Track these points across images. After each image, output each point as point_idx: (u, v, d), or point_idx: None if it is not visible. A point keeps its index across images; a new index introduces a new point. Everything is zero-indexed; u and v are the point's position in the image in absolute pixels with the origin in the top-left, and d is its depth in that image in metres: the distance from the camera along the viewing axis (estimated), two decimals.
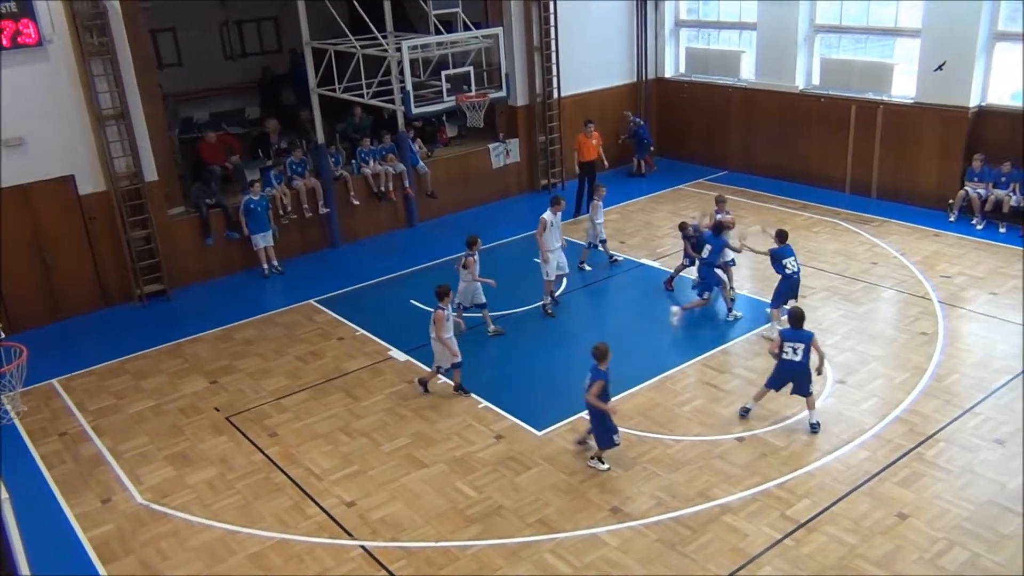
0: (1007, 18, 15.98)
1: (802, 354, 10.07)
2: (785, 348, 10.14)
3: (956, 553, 8.20)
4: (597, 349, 9.55)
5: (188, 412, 11.60)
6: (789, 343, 10.13)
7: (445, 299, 11.24)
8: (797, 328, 10.16)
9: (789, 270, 12.30)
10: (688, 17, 21.44)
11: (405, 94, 13.68)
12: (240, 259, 16.17)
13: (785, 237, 12.50)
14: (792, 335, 10.16)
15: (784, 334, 10.27)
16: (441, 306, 11.18)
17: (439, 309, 11.17)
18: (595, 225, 15.12)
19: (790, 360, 10.14)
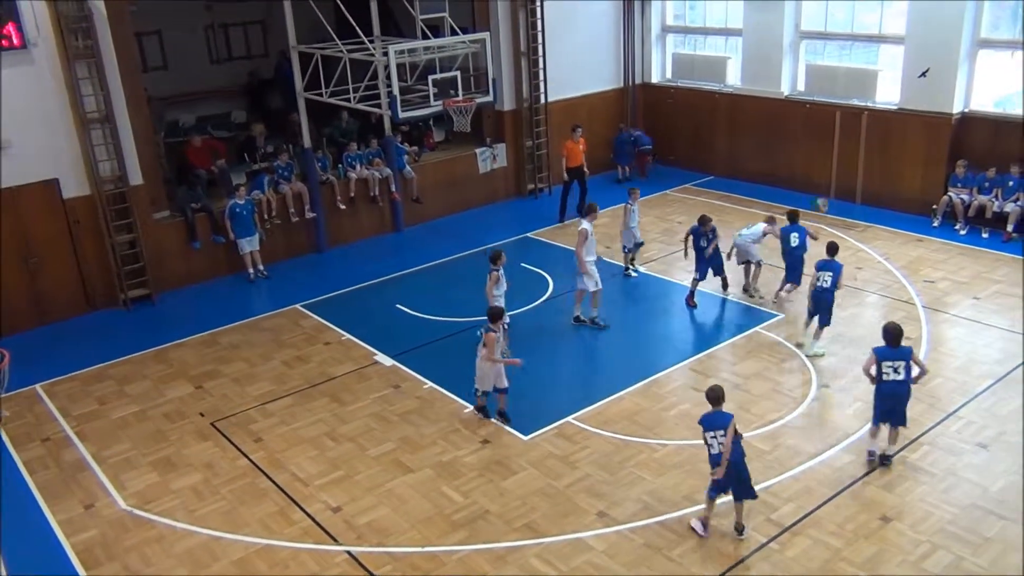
0: (990, 25, 16.14)
1: (904, 372, 9.15)
2: (884, 368, 9.21)
3: (940, 556, 8.25)
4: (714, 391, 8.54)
5: (173, 417, 11.53)
6: (888, 362, 9.20)
7: (498, 321, 10.75)
8: (895, 345, 9.18)
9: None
10: (674, 23, 21.53)
11: (392, 98, 13.67)
12: (226, 263, 16.11)
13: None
14: (889, 353, 9.21)
15: (879, 353, 9.26)
16: (493, 328, 10.61)
17: (490, 331, 10.57)
18: (630, 229, 14.98)
19: (892, 380, 9.20)
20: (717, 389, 8.52)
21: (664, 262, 15.54)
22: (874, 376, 9.29)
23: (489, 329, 10.59)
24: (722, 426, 8.30)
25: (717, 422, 8.37)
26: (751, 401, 11.02)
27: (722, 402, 8.48)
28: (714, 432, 8.35)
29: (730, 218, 17.66)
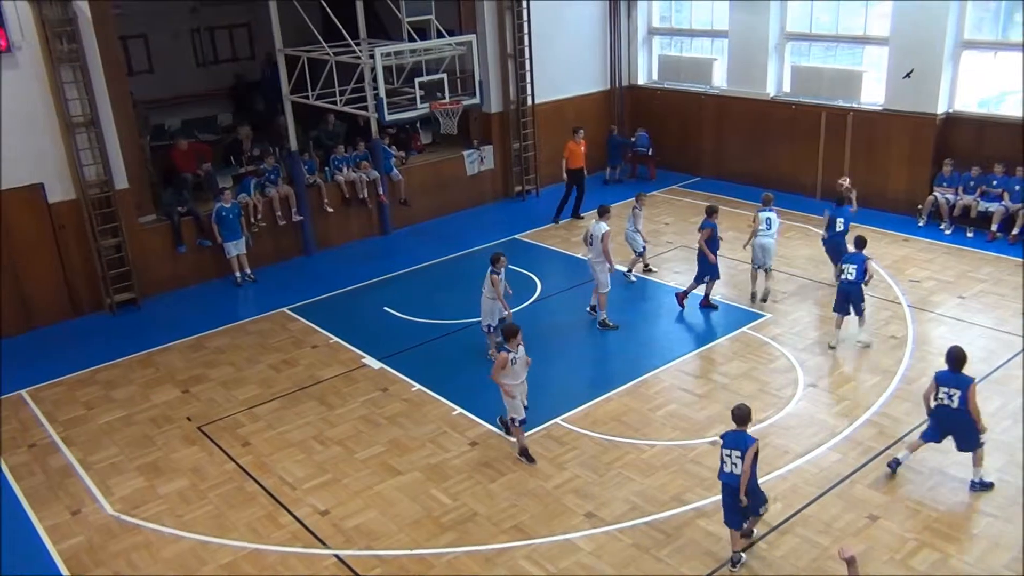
0: (973, 26, 16.26)
1: (959, 401, 8.84)
2: (940, 393, 8.98)
3: (926, 554, 8.29)
4: (740, 411, 8.19)
5: (159, 422, 11.48)
6: (944, 387, 8.95)
7: (512, 340, 9.73)
8: (955, 371, 8.92)
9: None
10: (660, 25, 21.60)
11: (379, 101, 13.66)
12: (212, 267, 16.04)
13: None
14: (947, 378, 8.97)
15: (939, 377, 9.05)
16: (508, 347, 9.72)
17: (503, 351, 9.76)
18: (638, 232, 14.95)
19: (945, 406, 8.95)
20: (743, 409, 8.16)
21: (651, 263, 15.55)
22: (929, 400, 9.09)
23: (502, 348, 9.82)
24: (741, 448, 7.94)
25: (737, 442, 8.01)
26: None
27: (747, 423, 8.10)
28: (730, 451, 8.03)
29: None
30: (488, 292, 12.09)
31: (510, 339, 9.70)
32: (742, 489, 7.94)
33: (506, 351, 9.67)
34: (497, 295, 11.99)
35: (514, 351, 9.69)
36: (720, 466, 8.19)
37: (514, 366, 9.72)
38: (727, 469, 8.10)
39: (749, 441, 7.99)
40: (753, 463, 8.00)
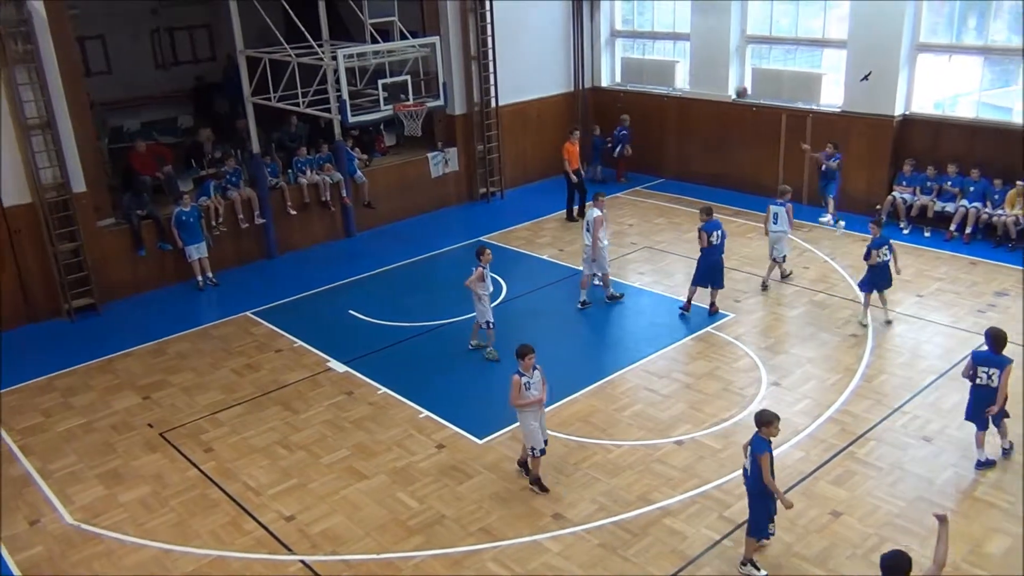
0: (928, 30, 16.58)
1: (997, 379, 9.10)
2: (979, 373, 9.19)
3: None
4: (759, 416, 7.99)
5: (120, 429, 11.30)
6: (984, 368, 9.18)
7: (524, 361, 9.08)
8: (996, 351, 9.14)
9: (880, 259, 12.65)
10: (623, 27, 21.73)
11: (341, 103, 13.59)
12: (173, 271, 15.83)
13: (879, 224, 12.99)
14: (987, 358, 9.19)
15: (978, 357, 9.29)
16: (520, 369, 9.13)
17: (516, 374, 9.12)
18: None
19: (985, 386, 9.19)
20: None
21: (615, 264, 15.62)
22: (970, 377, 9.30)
23: (517, 371, 9.16)
24: (1000, 366, 7.86)
25: (753, 446, 7.90)
26: (703, 400, 11.15)
27: (762, 426, 7.86)
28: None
29: (680, 220, 17.89)
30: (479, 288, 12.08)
31: (521, 360, 9.10)
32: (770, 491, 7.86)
33: (519, 374, 9.09)
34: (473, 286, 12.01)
35: (528, 374, 9.10)
36: (744, 473, 8.18)
37: (528, 390, 9.12)
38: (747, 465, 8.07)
39: (761, 448, 7.84)
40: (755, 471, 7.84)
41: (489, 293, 12.28)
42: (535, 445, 9.30)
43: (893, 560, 6.07)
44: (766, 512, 8.04)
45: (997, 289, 13.94)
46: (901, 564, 6.02)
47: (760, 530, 8.11)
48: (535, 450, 9.33)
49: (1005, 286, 14.02)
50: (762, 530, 8.11)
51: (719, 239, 13.22)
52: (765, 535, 8.19)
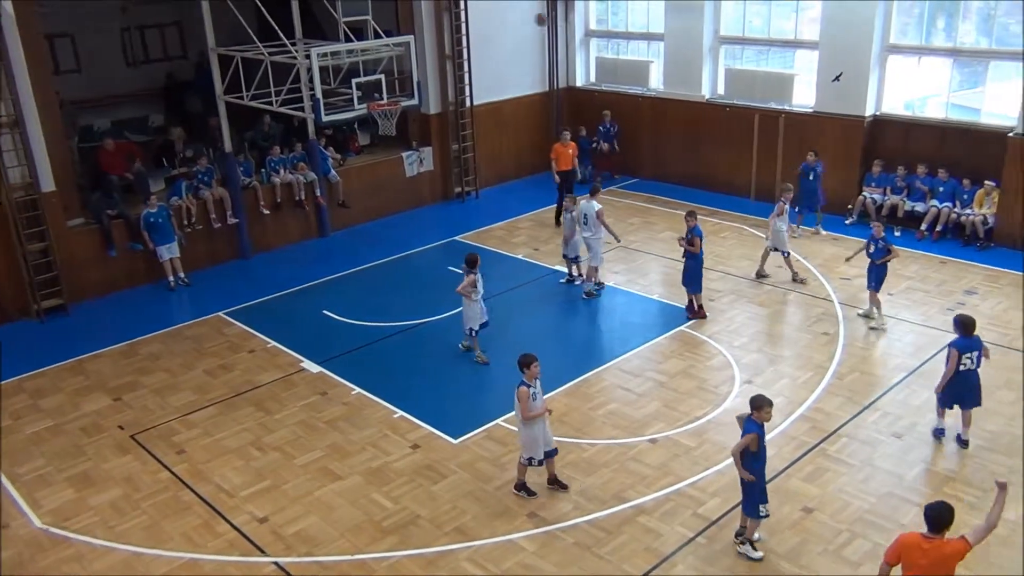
0: (898, 32, 16.77)
1: (976, 360, 9.61)
2: (964, 360, 9.54)
3: (859, 544, 8.52)
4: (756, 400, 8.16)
5: (90, 431, 11.16)
6: (968, 353, 9.57)
7: (528, 370, 9.01)
8: (970, 336, 9.60)
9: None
10: (597, 27, 21.79)
11: (315, 102, 13.51)
12: (144, 271, 15.66)
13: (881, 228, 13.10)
14: (968, 344, 9.60)
15: (960, 345, 9.59)
16: (525, 381, 9.04)
17: (523, 385, 9.06)
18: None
19: (969, 370, 9.62)
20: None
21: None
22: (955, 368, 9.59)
23: (521, 383, 9.06)
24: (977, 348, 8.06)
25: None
26: (677, 399, 11.20)
27: (755, 410, 8.07)
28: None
29: (654, 219, 17.97)
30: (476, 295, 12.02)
31: (526, 369, 9.00)
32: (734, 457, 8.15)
33: (525, 385, 8.99)
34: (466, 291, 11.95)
35: (533, 384, 9.03)
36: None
37: (535, 401, 9.04)
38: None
39: (747, 429, 8.10)
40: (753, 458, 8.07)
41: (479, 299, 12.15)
42: (533, 455, 9.20)
43: (936, 510, 6.44)
44: (757, 490, 8.20)
45: (966, 288, 14.13)
46: (943, 514, 6.41)
47: (753, 509, 8.26)
48: (533, 460, 9.23)
49: (974, 284, 14.22)
50: (755, 510, 8.24)
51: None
52: (757, 516, 8.29)
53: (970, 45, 16.22)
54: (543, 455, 9.25)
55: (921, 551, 6.40)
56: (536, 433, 9.14)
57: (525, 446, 9.23)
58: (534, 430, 9.13)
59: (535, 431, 9.14)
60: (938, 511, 6.42)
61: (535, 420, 9.08)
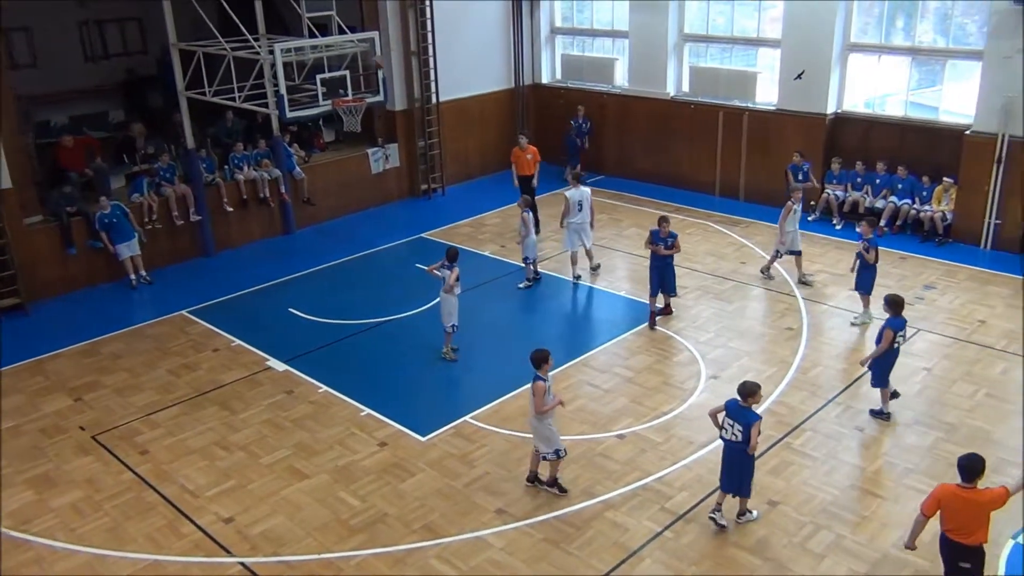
0: (859, 30, 17.02)
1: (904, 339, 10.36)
2: (897, 338, 10.16)
3: (822, 536, 8.64)
4: (743, 386, 8.46)
5: (50, 432, 10.96)
6: (901, 333, 10.22)
7: (545, 366, 9.07)
8: (900, 315, 10.22)
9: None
10: (563, 24, 21.83)
11: (279, 98, 13.38)
12: (105, 270, 15.41)
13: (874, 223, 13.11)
14: (899, 323, 10.19)
15: (894, 325, 10.16)
16: (541, 376, 9.04)
17: (538, 379, 9.04)
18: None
19: (898, 348, 10.29)
20: (747, 384, 8.49)
21: (558, 260, 15.73)
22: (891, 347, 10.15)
23: (537, 378, 9.04)
24: (742, 421, 8.32)
25: (738, 415, 8.38)
26: (644, 394, 11.27)
27: (749, 397, 8.37)
28: (732, 421, 8.42)
29: (620, 216, 18.05)
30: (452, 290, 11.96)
31: (542, 365, 9.04)
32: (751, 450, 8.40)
33: (542, 380, 8.99)
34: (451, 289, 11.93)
35: (548, 379, 9.07)
36: (720, 432, 8.60)
37: (548, 395, 9.03)
38: (727, 436, 8.51)
39: (752, 418, 8.35)
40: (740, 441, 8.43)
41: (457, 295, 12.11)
42: (558, 447, 9.21)
43: (969, 460, 7.02)
44: (752, 472, 8.64)
45: (925, 283, 14.38)
46: (975, 464, 6.98)
47: (748, 489, 8.69)
48: (560, 451, 9.23)
49: (932, 279, 14.47)
50: (749, 489, 8.71)
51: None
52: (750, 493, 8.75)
53: (928, 44, 16.50)
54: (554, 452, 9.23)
55: (961, 499, 6.97)
56: (553, 426, 9.22)
57: (547, 440, 9.20)
58: (550, 423, 9.18)
59: (552, 425, 9.20)
60: (970, 461, 6.98)
61: (549, 414, 9.11)
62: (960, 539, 7.05)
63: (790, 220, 14.15)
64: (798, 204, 14.23)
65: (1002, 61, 14.78)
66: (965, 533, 7.02)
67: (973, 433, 10.19)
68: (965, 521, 7.00)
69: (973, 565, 7.12)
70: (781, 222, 14.24)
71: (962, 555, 7.10)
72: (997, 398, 10.98)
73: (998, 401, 10.90)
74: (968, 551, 7.07)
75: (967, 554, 7.08)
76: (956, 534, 7.06)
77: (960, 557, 7.12)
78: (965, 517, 6.99)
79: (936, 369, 11.71)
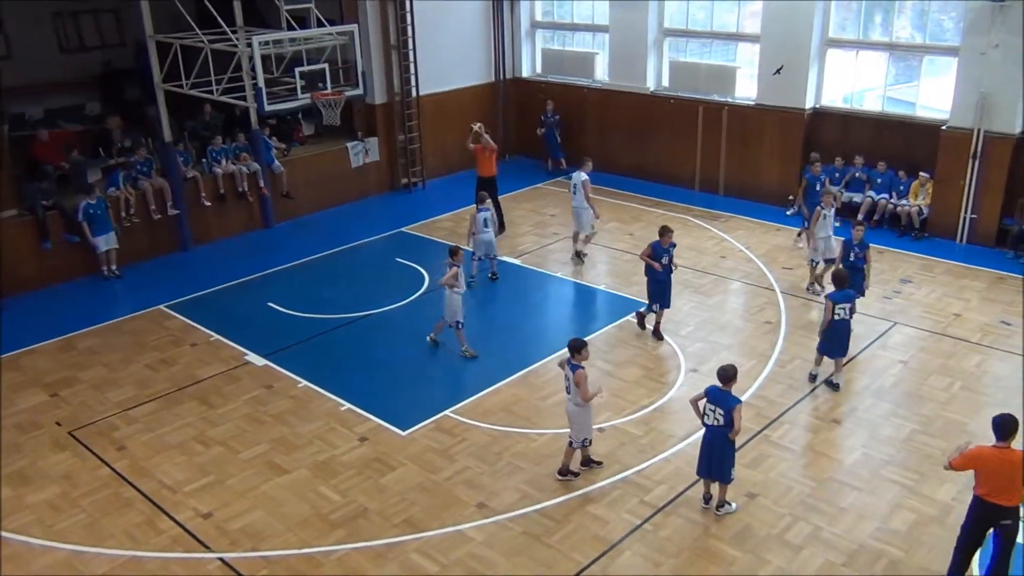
0: (837, 26, 17.13)
1: (848, 312, 10.89)
2: (837, 310, 10.75)
3: (800, 527, 8.71)
4: (723, 371, 8.62)
5: (26, 428, 10.85)
6: (840, 304, 10.81)
7: (579, 355, 9.14)
8: (843, 288, 10.93)
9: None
10: (543, 18, 21.81)
11: (257, 91, 13.30)
12: (81, 264, 15.25)
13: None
14: (840, 296, 10.86)
15: (834, 297, 10.86)
16: (575, 361, 9.15)
17: (579, 368, 9.12)
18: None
19: (841, 320, 10.84)
20: (727, 369, 8.64)
21: (538, 255, 15.75)
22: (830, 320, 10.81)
23: (576, 366, 9.13)
24: (723, 406, 8.50)
25: (719, 399, 8.57)
26: (624, 388, 11.31)
27: (730, 382, 8.58)
28: (714, 406, 8.57)
29: (602, 211, 18.00)
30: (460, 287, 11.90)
31: (577, 354, 9.14)
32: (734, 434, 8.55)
33: (581, 367, 9.10)
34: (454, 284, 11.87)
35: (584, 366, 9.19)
36: (703, 419, 8.72)
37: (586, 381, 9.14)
38: (709, 422, 8.66)
39: (732, 402, 8.52)
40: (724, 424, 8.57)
41: (463, 293, 12.04)
42: (587, 436, 9.43)
43: (1003, 418, 7.34)
44: (733, 458, 8.77)
45: (902, 276, 14.51)
46: (1009, 423, 7.29)
47: (729, 474, 8.78)
48: (587, 440, 9.45)
49: (909, 273, 14.61)
50: (730, 474, 8.79)
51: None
52: (731, 479, 8.83)
53: (906, 40, 16.64)
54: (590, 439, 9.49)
55: (997, 459, 7.22)
56: (591, 413, 9.39)
57: (582, 427, 9.35)
58: (590, 411, 9.34)
59: (591, 412, 9.37)
60: (1004, 419, 7.31)
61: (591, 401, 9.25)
62: (999, 500, 7.24)
63: (821, 226, 13.57)
64: (829, 209, 13.60)
65: (978, 57, 14.93)
66: (1005, 494, 7.23)
67: (949, 425, 10.31)
68: (1004, 483, 7.19)
69: (1014, 521, 7.34)
70: (811, 228, 13.80)
71: (1002, 514, 7.31)
72: (972, 391, 11.11)
73: (973, 393, 11.03)
74: (1007, 511, 7.28)
75: (1007, 513, 7.30)
76: (995, 496, 7.25)
77: (1000, 516, 7.31)
78: (1003, 478, 7.18)
79: (912, 362, 11.83)
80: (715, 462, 8.75)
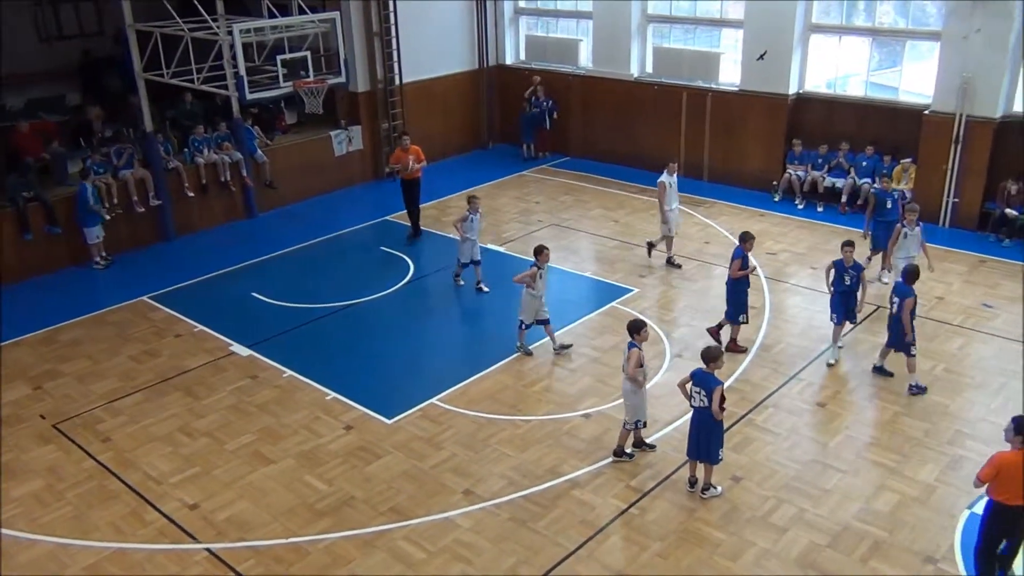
0: (820, 11, 17.14)
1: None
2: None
3: (784, 510, 8.78)
4: (707, 352, 8.70)
5: (10, 421, 10.78)
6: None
7: (639, 335, 9.24)
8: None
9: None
10: (527, 5, 21.73)
11: (238, 79, 13.21)
12: (64, 255, 15.15)
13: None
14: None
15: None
16: (636, 343, 9.22)
17: (636, 347, 9.20)
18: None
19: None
20: (711, 350, 8.71)
21: (523, 242, 15.73)
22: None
23: (632, 345, 9.21)
24: (705, 387, 8.57)
25: (702, 381, 8.63)
26: (610, 374, 11.33)
27: (713, 362, 8.61)
28: (698, 388, 8.64)
29: (587, 197, 18.08)
30: (535, 289, 11.62)
31: (638, 332, 9.24)
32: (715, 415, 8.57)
33: (637, 347, 9.18)
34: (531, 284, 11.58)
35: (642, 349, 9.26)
36: (689, 401, 8.81)
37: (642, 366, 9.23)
38: (695, 403, 8.73)
39: (713, 383, 8.55)
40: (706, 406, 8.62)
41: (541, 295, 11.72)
42: (641, 417, 9.45)
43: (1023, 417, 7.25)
44: (720, 439, 8.82)
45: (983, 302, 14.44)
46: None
47: (717, 455, 8.83)
48: (639, 422, 9.47)
49: None
50: (717, 455, 8.83)
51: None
52: (718, 460, 8.87)
53: (888, 25, 16.67)
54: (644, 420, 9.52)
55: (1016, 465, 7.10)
56: (645, 397, 9.43)
57: (635, 409, 9.38)
58: (644, 394, 9.39)
59: (644, 395, 9.41)
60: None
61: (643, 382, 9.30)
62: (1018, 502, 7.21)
63: (901, 247, 12.55)
64: (911, 228, 12.41)
65: (960, 42, 14.99)
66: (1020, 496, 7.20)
67: (931, 407, 10.40)
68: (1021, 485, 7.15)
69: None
70: (890, 248, 12.94)
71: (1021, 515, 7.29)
72: (955, 373, 11.20)
73: (955, 376, 11.13)
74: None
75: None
76: (1015, 499, 7.19)
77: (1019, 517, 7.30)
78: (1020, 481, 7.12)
79: None
80: (703, 443, 8.83)
